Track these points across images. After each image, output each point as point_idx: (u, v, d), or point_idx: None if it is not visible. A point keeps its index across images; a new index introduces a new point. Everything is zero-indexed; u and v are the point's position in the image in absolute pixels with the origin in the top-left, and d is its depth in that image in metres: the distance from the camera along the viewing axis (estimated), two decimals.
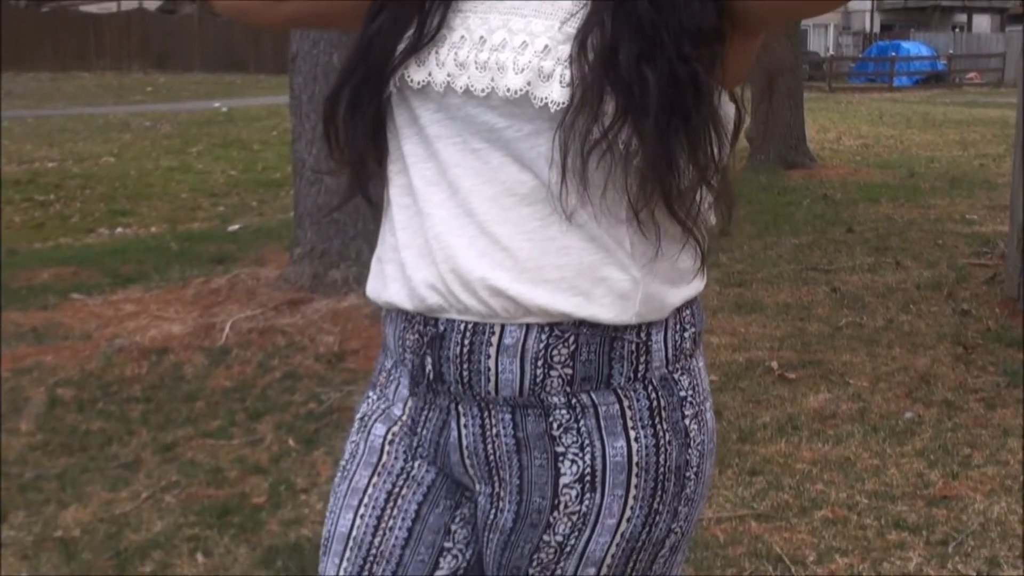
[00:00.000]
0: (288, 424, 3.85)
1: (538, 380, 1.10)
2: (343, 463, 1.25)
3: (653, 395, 1.13)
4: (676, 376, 1.15)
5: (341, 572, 1.20)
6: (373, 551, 1.19)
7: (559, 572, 1.16)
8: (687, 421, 1.16)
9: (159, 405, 4.07)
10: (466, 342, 1.11)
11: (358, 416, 1.26)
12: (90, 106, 17.38)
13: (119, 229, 8.31)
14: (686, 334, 1.16)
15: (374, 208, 1.21)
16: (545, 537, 1.15)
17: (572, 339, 1.09)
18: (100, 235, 8.10)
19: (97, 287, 5.85)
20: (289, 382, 4.26)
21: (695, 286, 1.17)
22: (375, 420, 1.23)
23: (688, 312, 1.17)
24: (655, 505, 1.15)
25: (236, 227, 7.92)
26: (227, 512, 3.17)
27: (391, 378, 1.22)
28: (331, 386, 4.19)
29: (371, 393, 1.25)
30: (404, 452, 1.20)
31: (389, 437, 1.21)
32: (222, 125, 14.62)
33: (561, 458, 1.13)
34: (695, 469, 1.17)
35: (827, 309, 5.21)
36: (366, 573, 1.19)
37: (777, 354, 4.49)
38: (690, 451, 1.16)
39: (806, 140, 10.80)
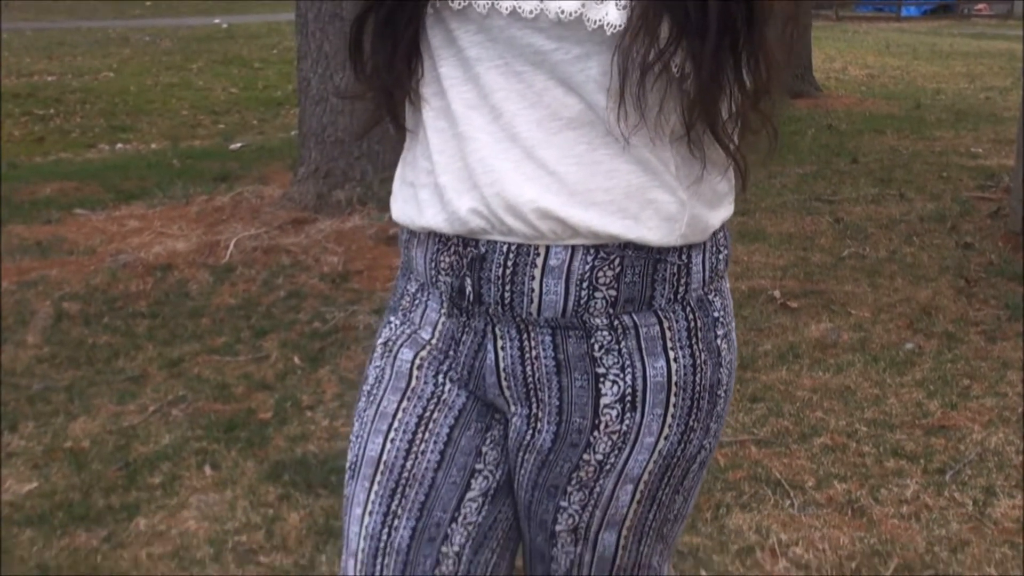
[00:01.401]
0: (293, 342, 3.88)
1: (582, 302, 1.10)
2: (367, 388, 1.24)
3: (691, 316, 1.15)
4: (710, 297, 1.17)
5: (372, 495, 1.20)
6: (405, 474, 1.19)
7: (598, 490, 1.18)
8: (719, 341, 1.18)
9: (165, 321, 4.09)
10: (509, 263, 1.10)
11: (380, 341, 1.25)
12: (89, 20, 17.17)
13: (119, 145, 8.28)
14: (720, 256, 1.17)
15: (401, 132, 1.18)
16: (585, 456, 1.17)
17: (617, 261, 1.09)
18: (100, 150, 8.07)
19: (100, 202, 5.84)
20: (294, 301, 4.28)
21: (729, 208, 1.18)
22: (401, 345, 1.22)
23: (721, 234, 1.18)
24: (690, 423, 1.17)
25: (238, 145, 7.88)
26: (234, 427, 3.21)
27: (416, 302, 1.21)
28: (336, 305, 4.21)
29: (393, 318, 1.24)
30: (434, 376, 1.20)
31: (417, 362, 1.20)
32: (222, 42, 14.46)
33: (602, 379, 1.14)
34: (725, 387, 1.19)
35: (830, 239, 5.21)
36: (398, 496, 1.19)
37: (780, 283, 4.51)
38: (721, 370, 1.18)
39: (812, 69, 10.71)
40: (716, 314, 1.17)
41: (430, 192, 1.13)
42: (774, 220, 5.57)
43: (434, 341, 1.20)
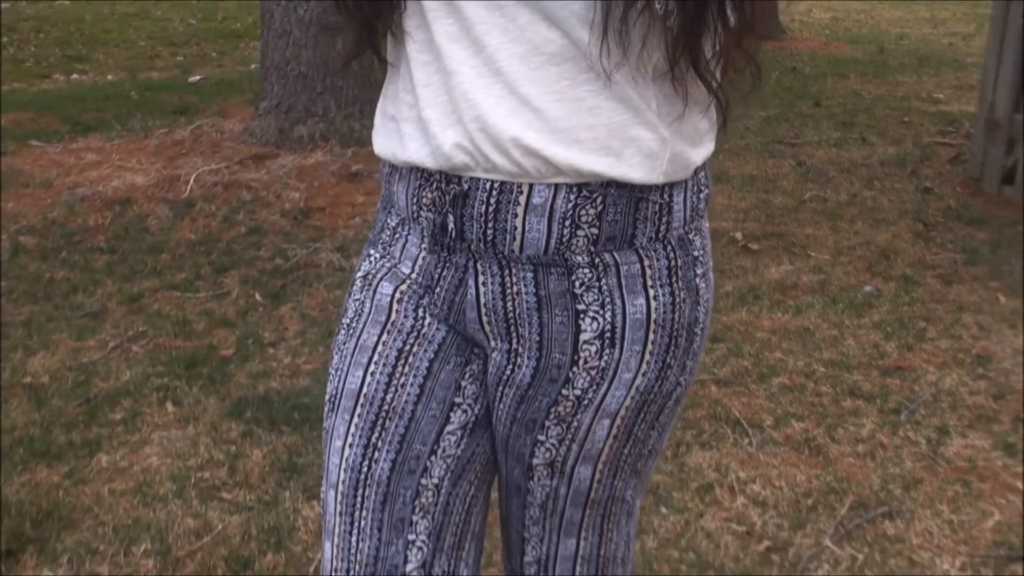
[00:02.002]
0: (254, 279, 3.85)
1: (564, 239, 1.10)
2: (347, 321, 1.24)
3: (671, 255, 1.15)
4: (690, 236, 1.17)
5: (352, 428, 1.20)
6: (385, 407, 1.19)
7: (575, 424, 1.19)
8: (698, 280, 1.18)
9: (124, 256, 4.05)
10: (492, 200, 1.09)
11: (359, 275, 1.24)
12: None
13: (75, 76, 8.10)
14: (701, 195, 1.17)
15: (384, 65, 1.17)
16: (563, 391, 1.17)
17: (600, 199, 1.09)
18: (56, 81, 7.90)
19: (56, 134, 5.74)
20: (255, 237, 4.25)
21: (710, 146, 1.18)
22: (381, 279, 1.22)
23: (703, 174, 1.18)
24: (668, 360, 1.18)
25: (197, 78, 7.74)
26: (195, 363, 3.19)
27: (397, 236, 1.20)
28: (297, 242, 4.18)
29: (372, 252, 1.24)
30: (414, 310, 1.20)
31: (397, 296, 1.20)
32: None
33: (582, 315, 1.14)
34: (702, 325, 1.20)
35: (792, 182, 5.24)
36: (379, 428, 1.19)
37: (741, 225, 4.53)
38: (699, 308, 1.19)
39: (777, 12, 10.67)
40: (696, 253, 1.18)
41: (413, 126, 1.12)
42: (736, 162, 5.58)
43: (414, 275, 1.19)
